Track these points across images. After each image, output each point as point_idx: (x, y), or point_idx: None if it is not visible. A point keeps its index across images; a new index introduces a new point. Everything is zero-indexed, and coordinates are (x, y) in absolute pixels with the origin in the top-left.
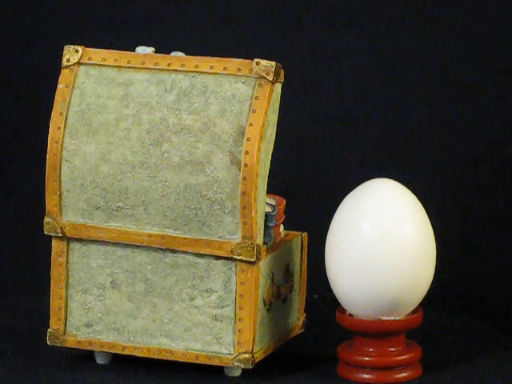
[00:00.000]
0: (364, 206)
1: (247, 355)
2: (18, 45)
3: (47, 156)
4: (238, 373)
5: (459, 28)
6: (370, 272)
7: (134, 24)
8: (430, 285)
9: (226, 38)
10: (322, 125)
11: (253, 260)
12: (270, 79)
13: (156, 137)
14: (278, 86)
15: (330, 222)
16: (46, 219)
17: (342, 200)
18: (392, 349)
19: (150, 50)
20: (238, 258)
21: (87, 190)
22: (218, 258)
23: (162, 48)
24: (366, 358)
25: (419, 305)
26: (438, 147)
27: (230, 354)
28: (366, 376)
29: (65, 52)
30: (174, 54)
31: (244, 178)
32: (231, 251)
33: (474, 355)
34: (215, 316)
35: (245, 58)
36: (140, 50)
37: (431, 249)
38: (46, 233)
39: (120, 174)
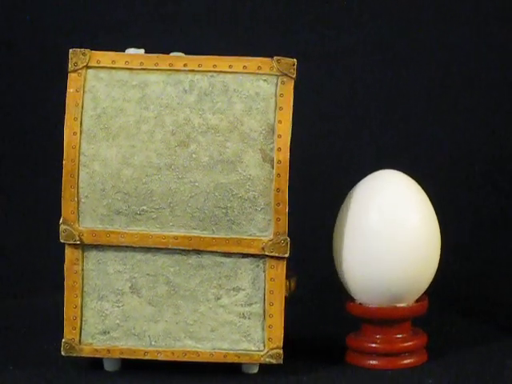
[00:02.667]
0: (371, 196)
1: (279, 350)
2: (17, 48)
3: (64, 162)
4: (256, 369)
5: (460, 28)
6: (377, 260)
7: (131, 25)
8: (435, 273)
9: (224, 37)
10: (325, 122)
11: (286, 256)
12: (293, 76)
13: (182, 138)
14: None
15: (332, 215)
16: (63, 227)
17: (339, 196)
18: (398, 335)
19: (141, 51)
20: (271, 254)
21: (108, 195)
22: (245, 256)
23: (162, 48)
24: (374, 345)
25: (424, 293)
26: (442, 143)
27: (259, 351)
28: (373, 362)
29: (71, 55)
30: (173, 54)
31: (278, 175)
32: (262, 248)
33: (477, 343)
34: (243, 314)
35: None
36: (130, 52)
37: (436, 237)
38: (62, 241)
39: (145, 176)
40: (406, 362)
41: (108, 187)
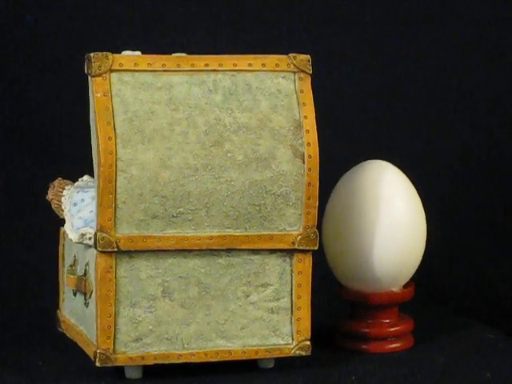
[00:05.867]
0: (359, 185)
1: (307, 342)
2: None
3: (101, 169)
4: (272, 364)
5: (460, 28)
6: (365, 246)
7: (132, 25)
8: (421, 259)
9: (223, 37)
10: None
11: (315, 248)
12: (309, 72)
13: (216, 137)
14: None
15: (322, 204)
16: (101, 235)
17: (329, 187)
18: (386, 320)
19: (138, 53)
20: (301, 248)
21: (145, 199)
22: (272, 251)
23: (162, 49)
24: (362, 330)
25: (411, 279)
26: (433, 139)
27: (288, 344)
28: (361, 346)
29: (94, 59)
30: (175, 55)
31: (309, 169)
32: (292, 242)
33: (461, 329)
34: (271, 309)
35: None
36: (127, 54)
37: (421, 224)
38: (99, 249)
39: (182, 178)
40: (393, 346)
41: (146, 191)
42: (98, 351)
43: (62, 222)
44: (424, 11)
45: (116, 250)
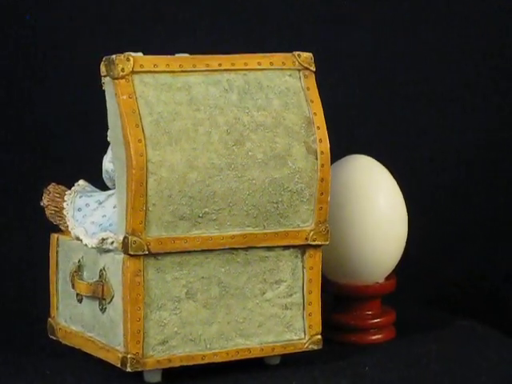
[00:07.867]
0: (341, 178)
1: (319, 336)
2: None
3: (133, 171)
4: (278, 361)
5: (459, 28)
6: (348, 239)
7: (132, 25)
8: (402, 252)
9: (223, 37)
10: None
11: (327, 243)
12: (313, 69)
13: (237, 137)
14: None
15: None
16: (132, 238)
17: None
18: (369, 312)
19: (139, 54)
20: (314, 243)
21: (174, 200)
22: (285, 247)
23: (163, 49)
24: (346, 321)
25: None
26: (433, 138)
27: (301, 339)
28: (345, 337)
29: (117, 61)
30: (178, 55)
31: (322, 165)
32: (306, 238)
33: (444, 321)
34: (285, 305)
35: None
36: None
37: (403, 217)
38: (132, 253)
39: (208, 178)
40: (375, 337)
41: (175, 192)
42: (129, 356)
43: (55, 228)
44: (424, 11)
45: (147, 252)
